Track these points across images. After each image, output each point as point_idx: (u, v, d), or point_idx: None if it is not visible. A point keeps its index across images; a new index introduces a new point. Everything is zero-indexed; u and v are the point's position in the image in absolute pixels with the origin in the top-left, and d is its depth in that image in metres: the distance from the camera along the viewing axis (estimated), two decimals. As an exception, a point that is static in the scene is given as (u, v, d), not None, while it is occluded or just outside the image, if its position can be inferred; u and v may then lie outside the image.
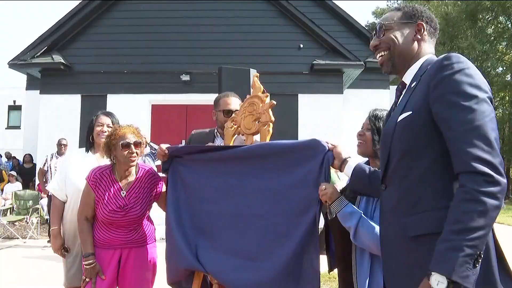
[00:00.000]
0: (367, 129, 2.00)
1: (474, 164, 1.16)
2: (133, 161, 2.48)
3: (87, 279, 2.42)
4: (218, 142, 2.86)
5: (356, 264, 1.82)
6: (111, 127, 2.81)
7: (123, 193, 2.49)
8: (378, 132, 1.93)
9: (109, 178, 2.50)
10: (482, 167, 1.15)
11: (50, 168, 6.89)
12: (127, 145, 2.43)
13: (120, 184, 2.51)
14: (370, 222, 1.75)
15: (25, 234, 8.03)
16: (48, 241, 6.77)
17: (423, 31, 1.51)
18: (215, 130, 2.93)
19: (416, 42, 1.51)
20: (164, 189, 2.61)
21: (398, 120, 1.38)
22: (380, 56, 1.57)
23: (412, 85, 1.43)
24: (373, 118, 1.99)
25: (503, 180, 1.16)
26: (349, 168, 1.79)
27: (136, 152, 2.46)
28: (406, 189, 1.34)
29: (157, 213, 2.86)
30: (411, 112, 1.34)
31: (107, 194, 2.46)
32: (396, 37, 1.52)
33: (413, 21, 1.51)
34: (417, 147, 1.32)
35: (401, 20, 1.53)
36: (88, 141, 2.87)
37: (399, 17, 1.54)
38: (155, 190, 2.60)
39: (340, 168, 1.81)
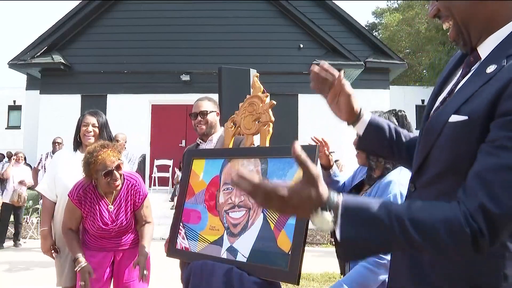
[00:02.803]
0: None
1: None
2: (117, 186, 2.42)
3: (82, 283, 2.37)
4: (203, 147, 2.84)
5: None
6: (96, 126, 2.80)
7: (110, 207, 2.47)
8: None
9: (94, 194, 2.46)
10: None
11: (44, 168, 6.64)
12: (109, 173, 2.36)
13: (106, 199, 2.47)
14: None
15: (25, 234, 8.03)
16: None
17: None
18: (198, 140, 2.87)
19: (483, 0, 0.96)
20: (145, 202, 2.56)
21: (450, 120, 0.96)
22: (448, 28, 1.06)
23: (489, 70, 0.94)
24: None
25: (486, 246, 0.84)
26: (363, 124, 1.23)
27: (119, 174, 2.40)
28: None
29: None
30: (467, 117, 0.93)
31: (93, 211, 2.43)
32: None
33: None
34: (467, 165, 0.92)
35: None
36: (75, 141, 2.86)
37: None
38: (136, 201, 2.53)
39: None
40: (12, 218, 7.58)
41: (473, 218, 0.82)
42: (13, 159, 7.88)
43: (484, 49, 1.00)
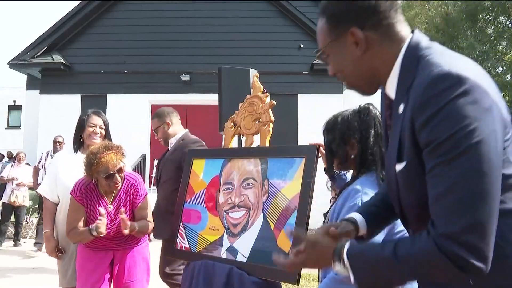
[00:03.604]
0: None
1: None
2: (117, 187, 2.44)
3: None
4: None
5: None
6: (103, 128, 2.79)
7: (109, 207, 2.46)
8: (329, 148, 1.71)
9: (94, 192, 2.46)
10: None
11: (44, 167, 6.48)
12: (110, 177, 2.37)
13: (106, 199, 2.48)
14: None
15: (25, 234, 8.02)
16: (35, 244, 6.51)
17: (362, 37, 1.04)
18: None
19: (365, 53, 1.06)
20: (144, 202, 2.56)
21: (396, 170, 1.04)
22: (346, 86, 1.17)
23: (400, 110, 1.01)
24: (325, 131, 1.76)
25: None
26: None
27: (120, 176, 2.41)
28: None
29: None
30: (405, 162, 1.00)
31: (93, 210, 2.43)
32: (339, 62, 1.11)
33: (344, 30, 1.06)
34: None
35: (330, 36, 1.09)
36: (77, 141, 2.82)
37: (327, 32, 1.10)
38: (135, 201, 2.54)
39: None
40: (13, 218, 7.57)
41: (441, 246, 0.88)
42: (12, 162, 7.84)
43: (390, 90, 1.07)
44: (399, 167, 1.02)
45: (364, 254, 1.00)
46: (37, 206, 8.27)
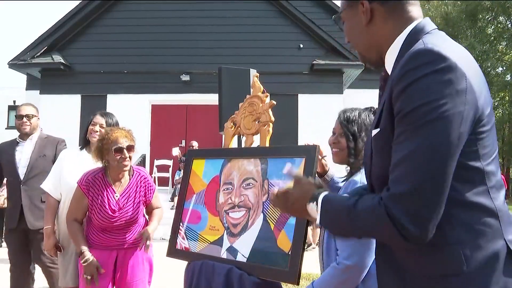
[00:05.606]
0: (340, 134, 1.81)
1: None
2: (126, 165, 2.47)
3: (88, 277, 2.38)
4: (20, 147, 3.35)
5: (323, 246, 1.84)
6: (103, 127, 2.81)
7: (116, 196, 2.49)
8: (354, 138, 1.75)
9: (102, 181, 2.49)
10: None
11: None
12: (119, 150, 2.41)
13: (113, 187, 2.51)
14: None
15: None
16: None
17: (370, 10, 1.11)
18: (17, 138, 3.42)
19: (369, 25, 1.12)
20: (155, 197, 2.64)
21: (372, 134, 1.08)
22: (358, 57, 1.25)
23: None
24: (345, 121, 1.79)
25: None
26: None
27: (129, 156, 2.46)
28: None
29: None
30: (379, 128, 1.05)
31: (100, 198, 2.46)
32: (349, 30, 1.19)
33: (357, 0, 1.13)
34: None
35: (347, 3, 1.17)
36: (84, 139, 2.89)
37: (344, 1, 1.19)
38: (148, 195, 2.61)
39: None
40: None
41: (386, 207, 0.92)
42: None
43: (388, 65, 1.13)
44: (374, 132, 1.06)
45: (333, 201, 1.07)
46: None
